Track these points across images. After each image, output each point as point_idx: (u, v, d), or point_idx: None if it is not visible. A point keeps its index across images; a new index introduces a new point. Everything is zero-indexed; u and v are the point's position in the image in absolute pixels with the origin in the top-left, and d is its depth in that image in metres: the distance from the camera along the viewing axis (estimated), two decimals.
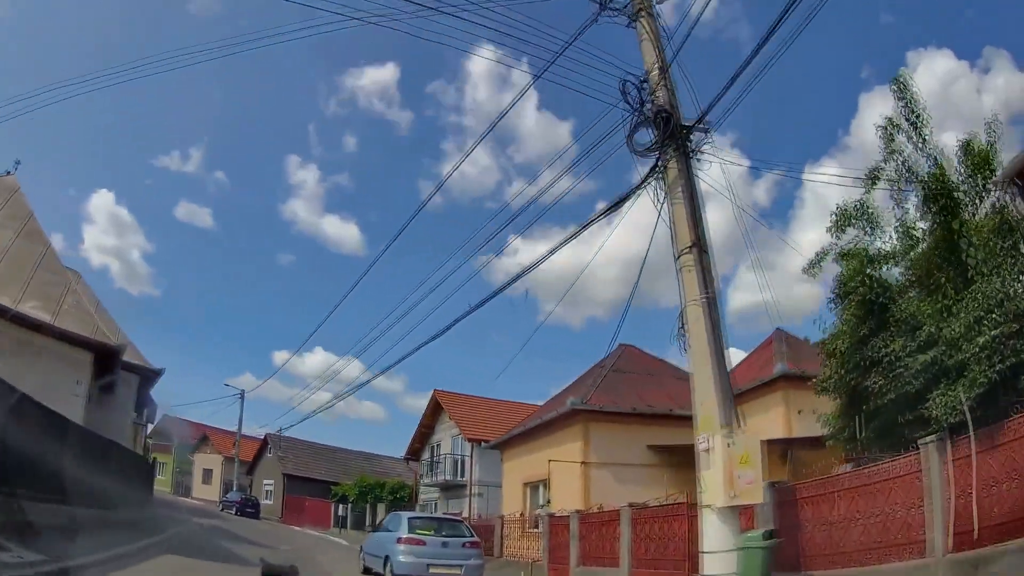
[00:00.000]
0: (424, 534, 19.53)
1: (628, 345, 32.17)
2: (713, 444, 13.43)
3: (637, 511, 20.72)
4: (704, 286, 14.29)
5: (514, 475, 33.68)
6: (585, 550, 23.03)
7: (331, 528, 55.88)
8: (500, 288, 18.14)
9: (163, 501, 48.76)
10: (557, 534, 25.16)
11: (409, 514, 21.71)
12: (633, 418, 27.40)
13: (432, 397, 49.28)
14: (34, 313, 21.14)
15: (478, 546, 20.54)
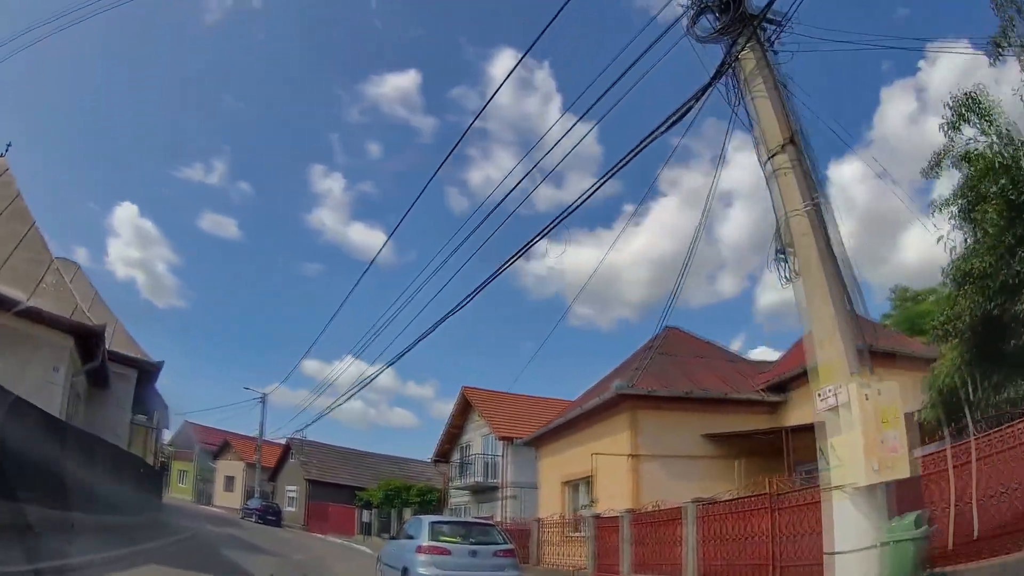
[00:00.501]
0: (449, 541, 16.77)
1: (674, 328, 29.46)
2: (848, 397, 9.93)
3: (705, 507, 17.97)
4: (809, 190, 11.17)
5: (552, 473, 30.93)
6: (640, 555, 20.32)
7: (355, 535, 54.01)
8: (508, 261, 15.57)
9: (181, 509, 48.03)
10: (605, 538, 22.47)
11: (431, 518, 18.64)
12: (686, 404, 24.64)
13: (461, 395, 47.51)
14: (6, 292, 18.85)
15: (513, 555, 17.69)
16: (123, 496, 23.21)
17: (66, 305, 20.56)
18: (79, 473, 17.75)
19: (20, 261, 21.17)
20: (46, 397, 18.32)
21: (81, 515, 17.03)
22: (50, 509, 14.93)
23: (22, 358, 18.75)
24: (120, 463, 24.16)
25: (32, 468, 14.30)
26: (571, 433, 28.75)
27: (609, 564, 21.71)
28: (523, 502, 38.08)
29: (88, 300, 29.59)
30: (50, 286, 21.11)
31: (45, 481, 15.00)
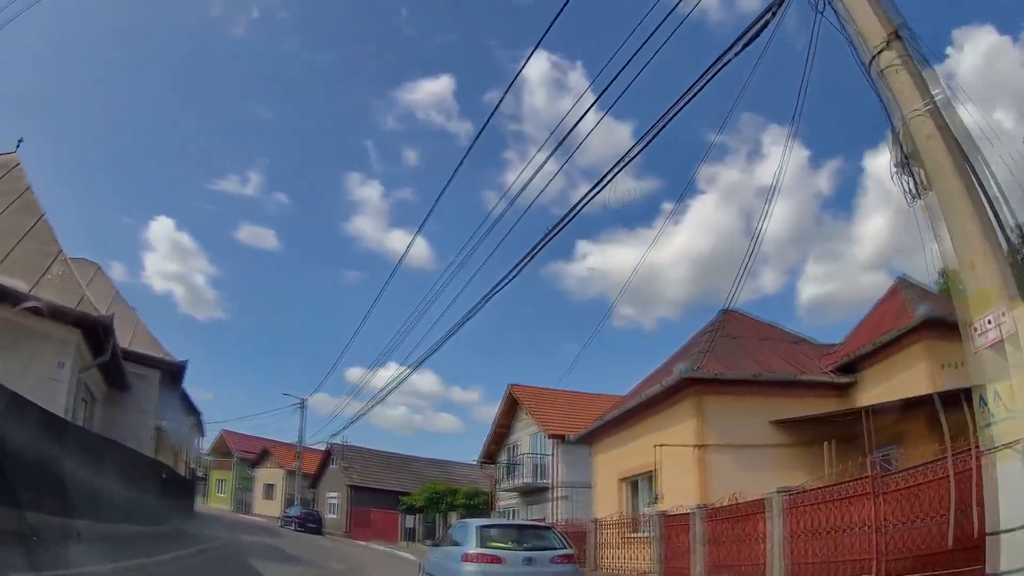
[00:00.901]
0: (500, 547, 14.79)
1: (732, 310, 27.35)
2: (1015, 326, 7.60)
3: (792, 497, 15.84)
4: (928, 86, 8.97)
5: (608, 470, 28.89)
6: (714, 556, 18.26)
7: (399, 541, 52.53)
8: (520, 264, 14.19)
9: (217, 518, 47.39)
10: (673, 538, 20.42)
11: (479, 522, 16.64)
12: (753, 388, 22.53)
13: (507, 393, 45.81)
14: (7, 283, 17.58)
15: (574, 560, 15.61)
16: (141, 504, 21.77)
17: (72, 297, 19.01)
18: (86, 477, 16.37)
19: (26, 253, 20.04)
20: (50, 395, 16.94)
21: (89, 523, 15.70)
22: (51, 515, 13.60)
23: (25, 354, 17.45)
24: (138, 468, 22.68)
25: (31, 470, 12.97)
26: (629, 426, 26.75)
27: (678, 567, 19.70)
28: (575, 503, 36.74)
29: (108, 299, 28.70)
30: (56, 277, 19.83)
31: (45, 485, 13.64)
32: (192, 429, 48.85)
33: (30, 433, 13.14)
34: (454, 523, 20.87)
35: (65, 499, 14.47)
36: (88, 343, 19.30)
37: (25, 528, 11.77)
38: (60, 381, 18.01)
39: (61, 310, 17.93)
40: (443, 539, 19.17)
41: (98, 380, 23.07)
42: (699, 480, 21.31)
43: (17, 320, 17.35)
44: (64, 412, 17.44)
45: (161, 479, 26.15)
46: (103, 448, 18.90)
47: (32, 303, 17.26)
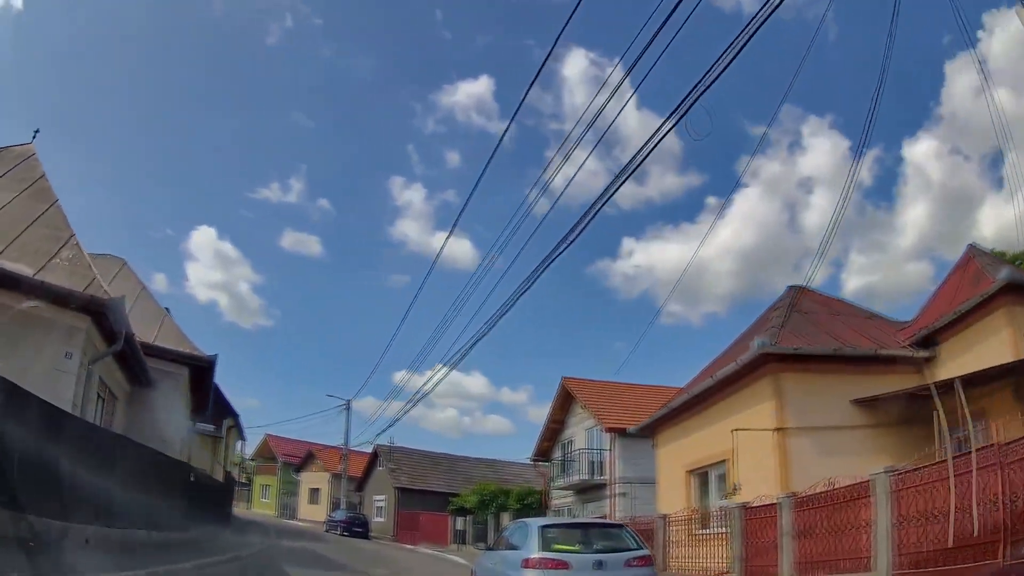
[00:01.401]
0: (566, 551, 12.91)
1: (800, 287, 25.49)
2: None
3: (901, 478, 13.82)
4: None
5: (673, 462, 26.99)
6: (806, 551, 16.27)
7: (449, 544, 51.44)
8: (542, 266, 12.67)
9: (258, 524, 47.23)
10: (757, 533, 18.46)
11: (540, 521, 14.55)
12: (831, 365, 20.65)
13: (560, 387, 44.62)
14: (10, 267, 16.05)
15: (651, 563, 13.66)
16: (164, 508, 20.27)
17: (81, 281, 17.37)
18: (96, 478, 14.75)
19: (35, 239, 18.55)
20: (55, 388, 15.41)
21: (99, 528, 14.13)
22: (54, 519, 12.02)
23: (29, 344, 15.98)
24: (161, 470, 21.11)
25: (32, 469, 11.43)
26: (697, 412, 24.89)
27: (762, 565, 17.77)
28: (634, 499, 35.61)
29: (134, 295, 27.36)
30: (65, 261, 18.20)
31: (48, 485, 12.18)
32: (230, 431, 47.83)
33: (30, 428, 11.65)
34: (510, 524, 18.63)
35: (71, 502, 13.00)
36: (99, 331, 17.73)
37: (24, 533, 10.44)
38: (67, 373, 16.47)
39: (65, 293, 16.34)
40: (497, 542, 17.04)
41: (117, 376, 21.72)
42: (779, 468, 19.44)
43: (20, 307, 15.82)
44: (72, 407, 15.96)
45: (189, 482, 24.53)
46: (117, 447, 17.28)
47: (36, 287, 15.83)
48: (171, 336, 26.29)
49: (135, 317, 25.09)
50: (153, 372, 23.43)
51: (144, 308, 27.20)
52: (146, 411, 23.94)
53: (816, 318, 23.57)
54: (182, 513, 22.52)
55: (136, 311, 25.96)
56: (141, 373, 22.20)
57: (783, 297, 25.12)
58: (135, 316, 25.25)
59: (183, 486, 23.84)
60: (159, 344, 24.58)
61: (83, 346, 16.95)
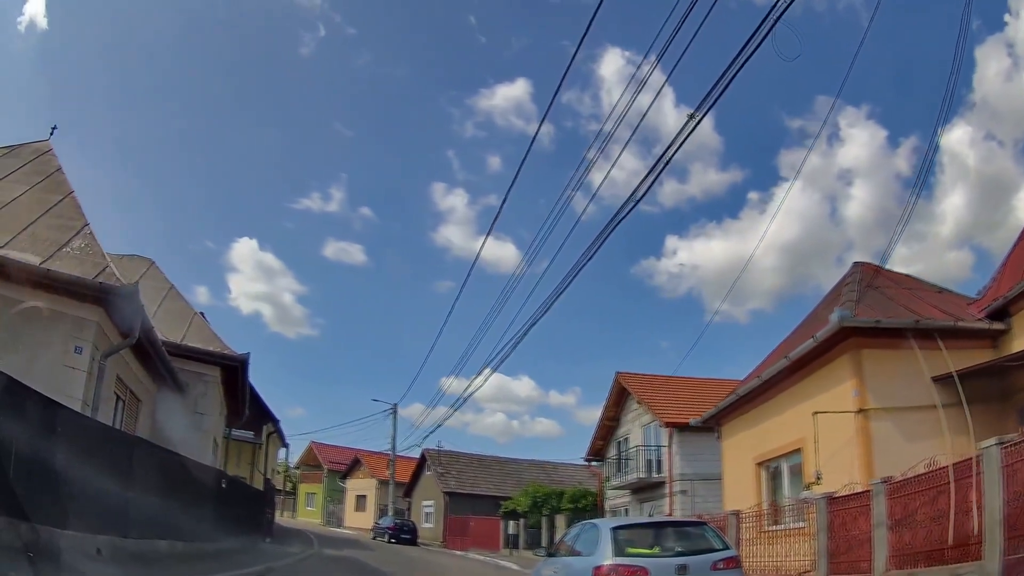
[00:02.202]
0: (644, 555, 11.47)
1: (864, 263, 24.07)
2: None
3: (1011, 450, 12.10)
4: None
5: (740, 454, 25.45)
6: (903, 542, 14.53)
7: (500, 549, 50.49)
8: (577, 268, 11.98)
9: (300, 532, 46.48)
10: (844, 525, 16.79)
11: (613, 522, 13.27)
12: (910, 341, 18.73)
13: (615, 382, 43.08)
14: (15, 256, 15.26)
15: (739, 564, 12.23)
16: (190, 517, 19.10)
17: (92, 270, 16.20)
18: (109, 484, 13.74)
19: (45, 228, 17.69)
20: (63, 385, 14.49)
21: (112, 538, 13.23)
22: (60, 528, 11.05)
23: (34, 337, 15.00)
24: (187, 476, 20.02)
25: (33, 474, 10.45)
26: (767, 399, 23.34)
27: (852, 561, 16.11)
28: (693, 497, 34.33)
29: (162, 294, 26.99)
30: (76, 250, 17.12)
31: (52, 491, 11.13)
32: (270, 438, 47.07)
33: (30, 427, 10.63)
34: (573, 526, 16.74)
35: (80, 508, 12.01)
36: (112, 322, 16.59)
37: (24, 541, 9.51)
38: (76, 369, 15.35)
39: (73, 281, 15.28)
40: (558, 547, 15.43)
41: (140, 376, 20.67)
42: (862, 453, 17.85)
43: (26, 298, 14.96)
44: (83, 405, 14.86)
45: (220, 489, 23.38)
46: (136, 450, 16.13)
47: (42, 276, 14.92)
48: (201, 336, 25.35)
49: (163, 317, 24.26)
50: (183, 374, 22.71)
51: (172, 308, 26.53)
52: (174, 415, 22.97)
53: (889, 292, 22.04)
54: (212, 522, 21.46)
55: (163, 311, 25.13)
56: (167, 373, 21.20)
57: (850, 273, 23.47)
58: (163, 316, 24.42)
59: (214, 494, 22.76)
60: (187, 344, 23.72)
61: (94, 339, 15.87)
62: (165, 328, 22.92)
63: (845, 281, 23.18)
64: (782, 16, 10.49)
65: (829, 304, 22.97)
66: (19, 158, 21.38)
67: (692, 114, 12.63)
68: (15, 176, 20.05)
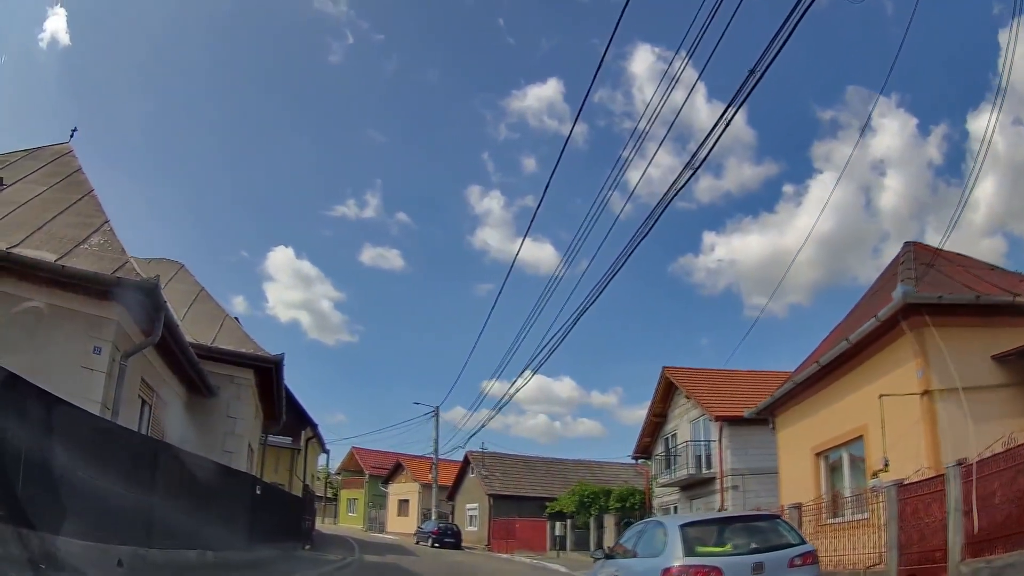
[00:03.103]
0: (715, 553, 10.76)
1: (916, 242, 23.30)
2: None
3: None
4: None
5: (797, 445, 24.48)
6: (980, 527, 13.55)
7: (547, 551, 49.39)
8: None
9: (340, 539, 46.53)
10: (915, 513, 15.84)
11: (680, 519, 12.62)
12: (970, 318, 18.19)
13: (661, 377, 42.31)
14: (29, 254, 14.74)
15: (816, 560, 11.48)
16: (221, 525, 18.64)
17: (111, 265, 15.59)
18: (131, 491, 13.25)
19: (63, 226, 17.13)
20: (81, 387, 13.90)
21: (135, 548, 12.73)
22: (75, 538, 10.52)
23: (52, 338, 14.45)
24: (220, 483, 19.44)
25: (41, 479, 9.94)
26: (825, 386, 22.41)
27: (924, 551, 15.18)
28: (745, 492, 33.70)
29: (192, 296, 26.66)
30: (95, 247, 16.53)
31: (67, 498, 10.52)
32: (309, 443, 46.70)
33: (43, 432, 10.17)
34: (635, 525, 15.65)
35: (97, 517, 11.52)
36: (133, 320, 16.00)
37: (33, 553, 8.99)
38: (95, 370, 14.69)
39: (90, 277, 14.70)
40: (616, 548, 14.74)
41: (168, 378, 20.11)
42: (928, 437, 16.96)
43: (41, 297, 14.51)
44: (102, 409, 14.26)
45: (255, 496, 22.80)
46: (161, 456, 15.58)
47: (57, 273, 14.42)
48: (233, 338, 24.79)
49: (193, 319, 23.79)
50: (214, 377, 22.22)
51: (203, 310, 26.15)
52: (207, 419, 22.62)
53: (945, 270, 21.17)
54: (246, 531, 20.95)
55: (193, 313, 24.73)
56: (195, 375, 20.67)
57: (903, 253, 22.59)
58: (193, 318, 23.96)
59: (248, 501, 22.17)
60: (219, 346, 23.18)
61: (114, 339, 15.23)
62: (195, 331, 22.50)
63: (899, 260, 22.32)
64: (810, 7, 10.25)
65: (883, 285, 22.15)
66: (38, 160, 21.06)
67: (727, 107, 12.37)
68: (34, 177, 19.69)
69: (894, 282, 20.09)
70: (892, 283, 20.31)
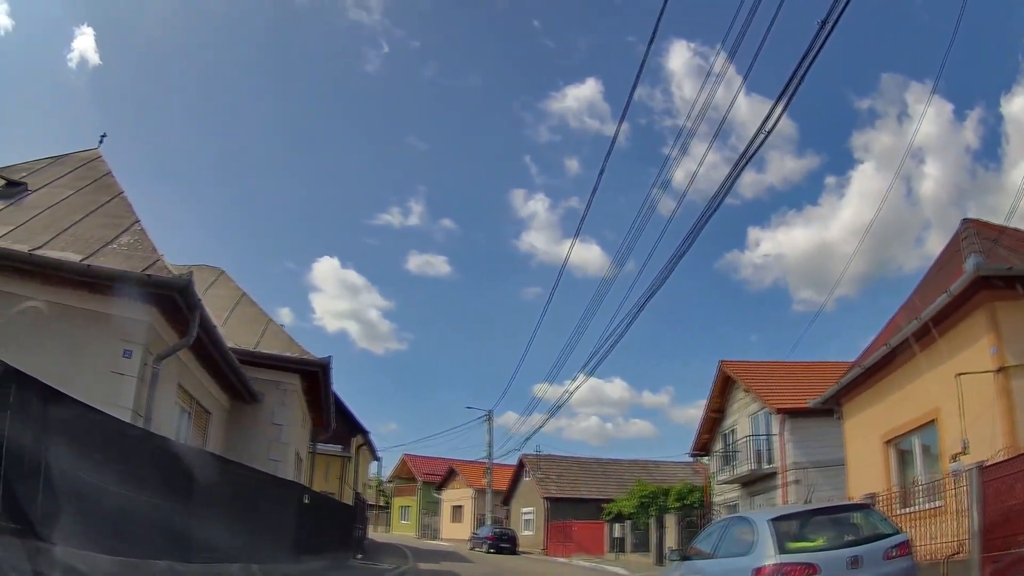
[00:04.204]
0: (809, 548, 10.09)
1: (973, 219, 22.44)
2: None
3: None
4: None
5: (866, 433, 23.61)
6: None
7: (605, 554, 48.62)
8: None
9: (395, 547, 46.46)
10: (998, 497, 14.83)
11: (769, 513, 11.74)
12: None
13: (719, 371, 41.54)
14: (52, 255, 14.23)
15: (910, 550, 10.84)
16: (268, 537, 18.10)
17: (141, 263, 15.00)
18: (164, 501, 12.60)
19: (91, 227, 16.52)
20: (110, 393, 13.41)
21: (171, 564, 12.13)
22: (103, 552, 9.96)
23: (79, 343, 13.99)
24: (264, 493, 18.87)
25: (57, 487, 9.06)
26: (893, 369, 21.42)
27: (1007, 536, 14.14)
28: (808, 486, 31.25)
29: (234, 301, 26.23)
30: (124, 247, 15.88)
31: (80, 507, 9.72)
32: (359, 451, 46.43)
33: (64, 441, 9.49)
34: (715, 522, 14.62)
35: (125, 529, 10.87)
36: (166, 321, 15.48)
37: (46, 568, 8.34)
38: (125, 375, 14.19)
39: (117, 276, 14.13)
40: (690, 549, 14.13)
41: (206, 383, 19.59)
42: (1004, 416, 16.12)
43: (66, 300, 14.14)
44: (132, 416, 13.70)
45: (302, 505, 22.21)
46: (198, 464, 14.74)
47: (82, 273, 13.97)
48: (277, 342, 24.24)
49: (234, 324, 23.40)
50: (258, 383, 21.78)
51: (245, 314, 25.64)
52: (251, 427, 22.27)
53: (1006, 243, 20.37)
54: (293, 542, 20.33)
55: (235, 317, 24.36)
56: (237, 380, 20.13)
57: (962, 229, 21.65)
58: (235, 323, 23.58)
59: (295, 510, 21.51)
60: (262, 350, 22.72)
61: (145, 341, 14.70)
62: (237, 335, 22.10)
63: (960, 237, 21.40)
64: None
65: (946, 263, 21.37)
66: (66, 165, 20.54)
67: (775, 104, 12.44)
68: (61, 181, 19.15)
69: (958, 259, 19.28)
70: (956, 260, 19.51)
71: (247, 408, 22.20)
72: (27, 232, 15.06)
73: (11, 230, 15.00)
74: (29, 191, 18.05)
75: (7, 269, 13.83)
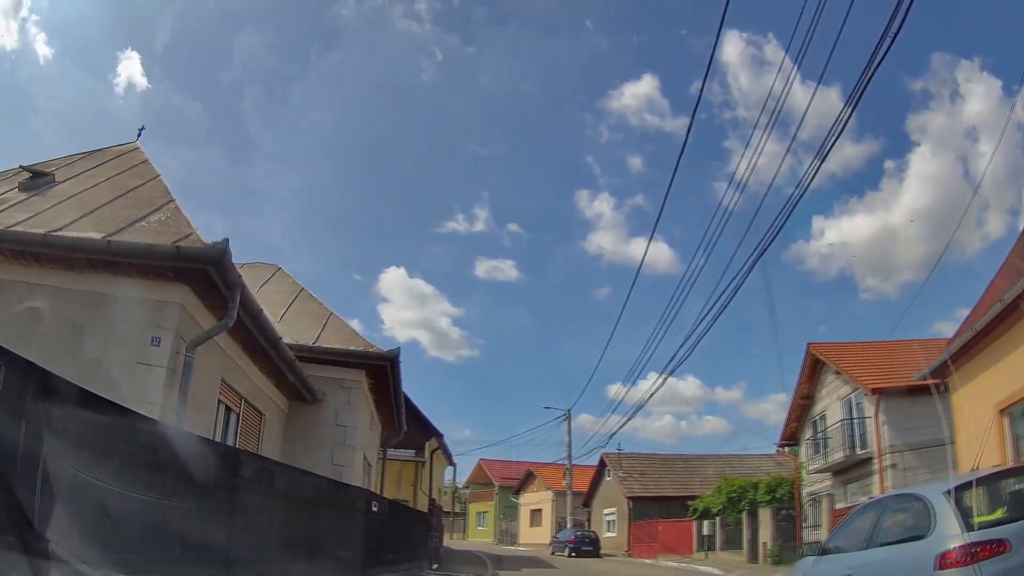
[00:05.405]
0: (993, 522, 7.98)
1: None
2: None
3: None
4: None
5: (978, 403, 20.76)
6: None
7: (694, 553, 47.16)
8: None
9: (472, 554, 45.68)
10: None
11: (942, 486, 9.20)
12: None
13: (807, 354, 39.91)
14: (70, 235, 12.59)
15: None
16: (328, 548, 16.31)
17: (171, 238, 13.12)
18: (199, 511, 10.51)
19: (120, 208, 14.86)
20: (136, 386, 11.83)
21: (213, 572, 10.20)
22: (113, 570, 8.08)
23: (102, 330, 12.32)
24: (324, 500, 17.09)
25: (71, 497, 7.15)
26: (1006, 328, 19.14)
27: None
28: (905, 470, 31.40)
29: (292, 296, 24.94)
30: (154, 223, 13.87)
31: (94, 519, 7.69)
32: (434, 455, 45.18)
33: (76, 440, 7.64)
34: (867, 505, 12.06)
35: (155, 544, 8.90)
36: (202, 302, 13.55)
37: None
38: (153, 365, 12.26)
39: (142, 250, 12.26)
40: (827, 543, 11.70)
41: (256, 378, 17.89)
42: None
43: (90, 287, 12.73)
44: (160, 411, 11.73)
45: (369, 513, 20.55)
46: (245, 469, 12.84)
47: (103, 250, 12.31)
48: (339, 336, 22.38)
49: (292, 319, 21.99)
50: (320, 381, 20.33)
51: (304, 309, 24.16)
52: (312, 429, 20.68)
53: None
54: (360, 552, 18.56)
55: (294, 312, 22.98)
56: (292, 375, 18.09)
57: None
58: (293, 318, 22.17)
59: (362, 520, 19.82)
60: (322, 345, 20.97)
61: (177, 327, 12.70)
62: (296, 331, 20.71)
63: None
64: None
65: None
66: (99, 158, 19.17)
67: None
68: (93, 171, 17.63)
69: None
70: None
71: (307, 409, 20.69)
72: (46, 218, 13.38)
73: (30, 216, 13.38)
74: (57, 182, 16.58)
75: (23, 255, 12.48)
